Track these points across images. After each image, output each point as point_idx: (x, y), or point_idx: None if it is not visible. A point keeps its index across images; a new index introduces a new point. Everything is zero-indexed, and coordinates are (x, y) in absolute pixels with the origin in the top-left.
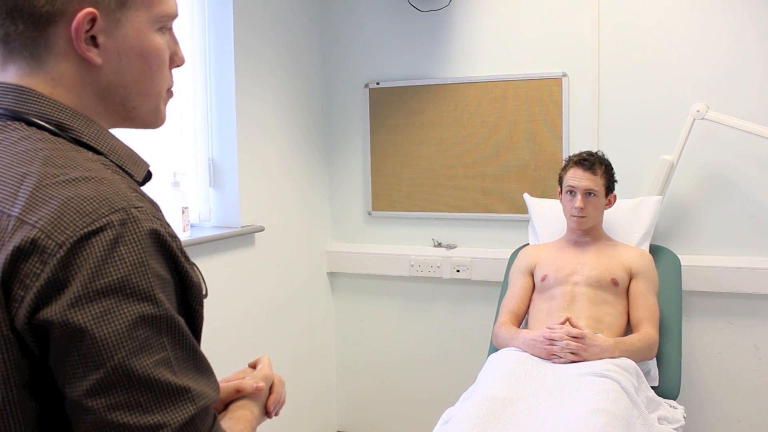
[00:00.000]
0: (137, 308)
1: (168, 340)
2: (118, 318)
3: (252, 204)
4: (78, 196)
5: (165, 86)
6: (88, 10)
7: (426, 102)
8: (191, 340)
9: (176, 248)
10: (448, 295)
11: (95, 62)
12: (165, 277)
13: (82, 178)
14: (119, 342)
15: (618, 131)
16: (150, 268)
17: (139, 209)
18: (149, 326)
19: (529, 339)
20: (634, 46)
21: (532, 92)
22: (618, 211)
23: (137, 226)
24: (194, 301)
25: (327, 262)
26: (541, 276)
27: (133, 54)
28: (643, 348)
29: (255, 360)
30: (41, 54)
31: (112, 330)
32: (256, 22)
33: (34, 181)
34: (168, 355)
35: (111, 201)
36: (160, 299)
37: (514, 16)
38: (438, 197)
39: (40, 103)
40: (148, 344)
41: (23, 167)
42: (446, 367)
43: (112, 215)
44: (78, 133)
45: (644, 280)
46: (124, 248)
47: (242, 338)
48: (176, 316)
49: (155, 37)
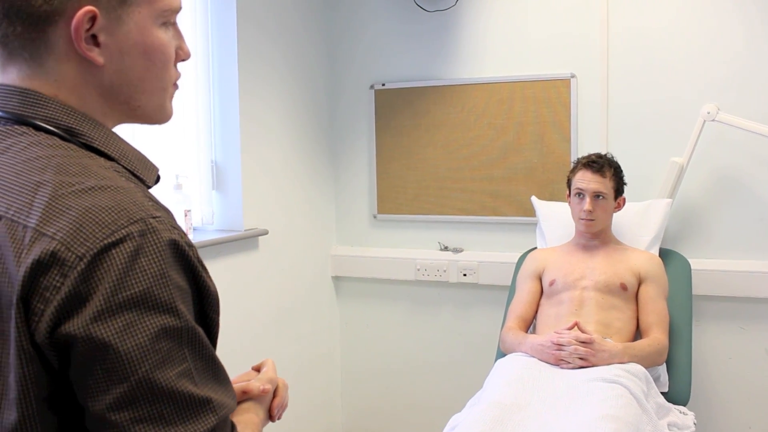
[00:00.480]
0: (159, 320)
1: (189, 351)
2: (141, 331)
3: (255, 207)
4: (96, 207)
5: (170, 82)
6: (88, 9)
7: (432, 103)
8: (210, 350)
9: (194, 258)
10: (454, 299)
11: (97, 62)
12: (184, 288)
13: (98, 187)
14: (143, 355)
15: (627, 133)
16: (171, 279)
17: (158, 219)
18: (171, 338)
19: (537, 344)
20: (643, 46)
21: (539, 93)
22: (627, 215)
23: (157, 237)
24: (211, 311)
25: (332, 265)
26: (549, 281)
27: (137, 51)
28: (653, 353)
29: (259, 363)
30: (41, 55)
31: (135, 343)
32: (260, 21)
33: (49, 191)
34: (189, 366)
35: (129, 211)
36: (181, 311)
37: (521, 16)
38: (444, 200)
39: (47, 106)
40: (170, 356)
41: (36, 175)
42: (453, 373)
43: (131, 226)
44: (88, 138)
45: (654, 285)
46: (144, 260)
47: (245, 343)
48: (196, 327)
49: (159, 32)
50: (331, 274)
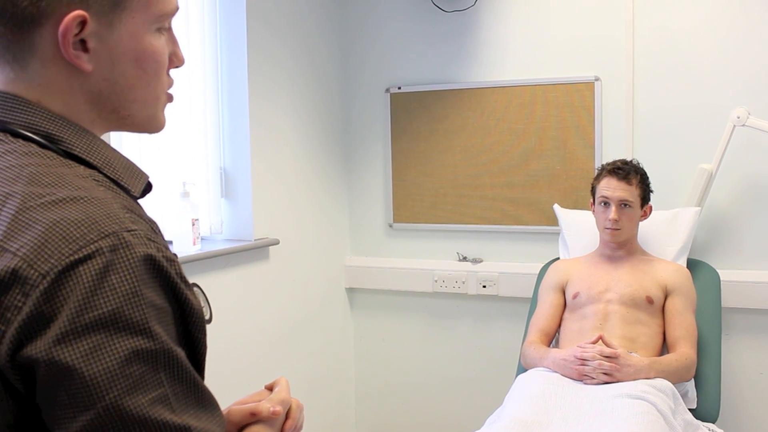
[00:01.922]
0: (130, 343)
1: (165, 375)
2: (109, 354)
3: (266, 216)
4: (64, 220)
5: (163, 91)
6: (78, 13)
7: (450, 107)
8: (191, 374)
9: (174, 273)
10: (473, 312)
11: (85, 69)
12: (162, 307)
13: (69, 199)
14: (111, 380)
15: (654, 139)
16: (144, 297)
17: (132, 232)
18: (144, 362)
19: (560, 359)
20: (670, 48)
21: (562, 97)
22: (654, 224)
23: (129, 252)
24: (196, 329)
25: (345, 277)
26: (573, 293)
27: (128, 59)
28: (680, 368)
29: (272, 382)
30: (26, 58)
31: (102, 368)
32: (271, 22)
33: (17, 203)
34: (166, 391)
35: (100, 224)
36: (156, 331)
37: (543, 17)
38: (463, 208)
39: (27, 111)
40: (143, 381)
41: (6, 186)
42: (472, 389)
43: (101, 241)
44: (68, 145)
45: (681, 297)
46: (115, 277)
47: (255, 358)
48: (174, 349)
49: (152, 39)
50: (345, 285)
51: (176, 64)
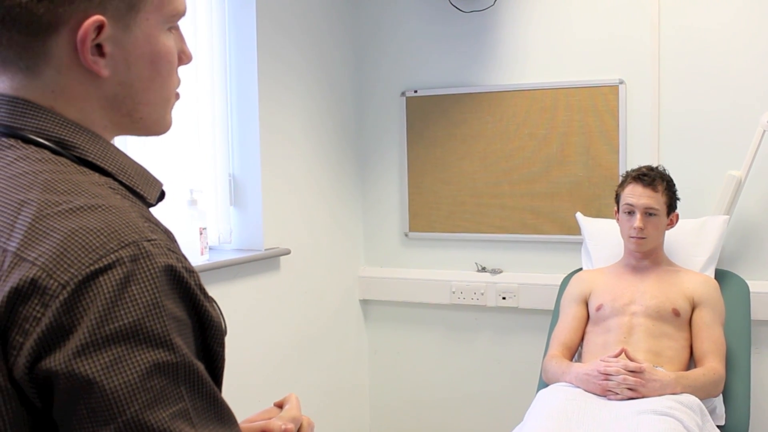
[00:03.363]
0: (151, 355)
1: (186, 389)
2: (130, 367)
3: (277, 224)
4: (83, 229)
5: (173, 91)
6: (96, 18)
7: (468, 112)
8: (211, 388)
9: (194, 285)
10: (493, 325)
11: (102, 74)
12: (182, 319)
13: (87, 207)
14: (132, 394)
15: (680, 144)
16: (165, 309)
17: (153, 242)
18: (165, 375)
19: (582, 373)
20: (698, 49)
21: (585, 101)
22: (680, 233)
23: (150, 262)
24: (215, 343)
25: (359, 288)
26: (596, 305)
27: (143, 61)
28: (708, 383)
29: (282, 399)
30: (39, 66)
31: (123, 381)
32: (282, 23)
33: (33, 211)
34: (186, 405)
35: (120, 233)
36: (177, 344)
37: (565, 17)
38: (482, 217)
39: (39, 117)
40: (163, 395)
41: (21, 194)
42: (491, 405)
43: (121, 250)
44: (82, 151)
45: (709, 310)
46: (135, 288)
47: (265, 373)
48: (194, 362)
49: (165, 39)
50: (359, 297)
51: (184, 61)
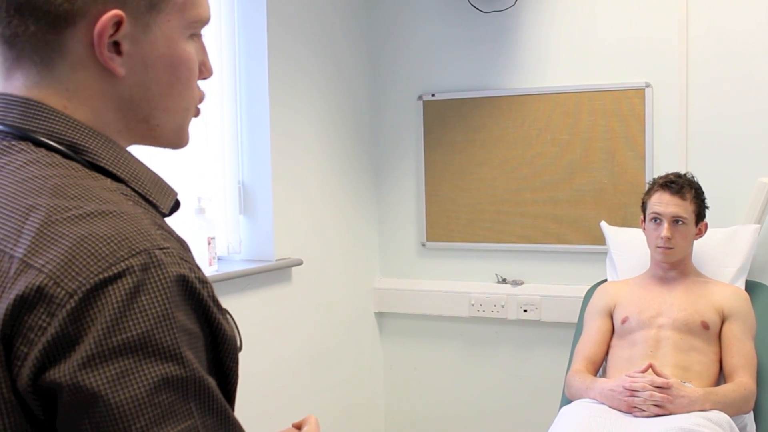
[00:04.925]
0: (160, 369)
1: (195, 405)
2: (137, 381)
3: (288, 234)
4: (92, 235)
5: (193, 102)
6: (115, 12)
7: (488, 116)
8: (222, 405)
9: (207, 296)
10: (514, 338)
11: (118, 73)
12: (193, 331)
13: (98, 213)
14: (139, 409)
15: (709, 150)
16: (176, 321)
17: (165, 251)
18: (174, 390)
19: (607, 389)
20: (727, 51)
21: (610, 105)
22: (710, 242)
23: (162, 272)
24: (228, 358)
25: (375, 300)
26: (622, 318)
27: (162, 64)
28: (738, 399)
29: (301, 420)
30: (54, 60)
31: (130, 395)
32: (294, 24)
33: (41, 216)
34: (195, 423)
35: (131, 241)
36: (187, 358)
37: (589, 18)
38: (502, 226)
39: (51, 119)
40: (172, 411)
41: (29, 198)
42: (512, 422)
43: (132, 258)
44: (94, 156)
45: (739, 323)
46: (145, 298)
47: (276, 389)
48: (205, 377)
49: (186, 45)
50: (374, 309)
51: (205, 75)
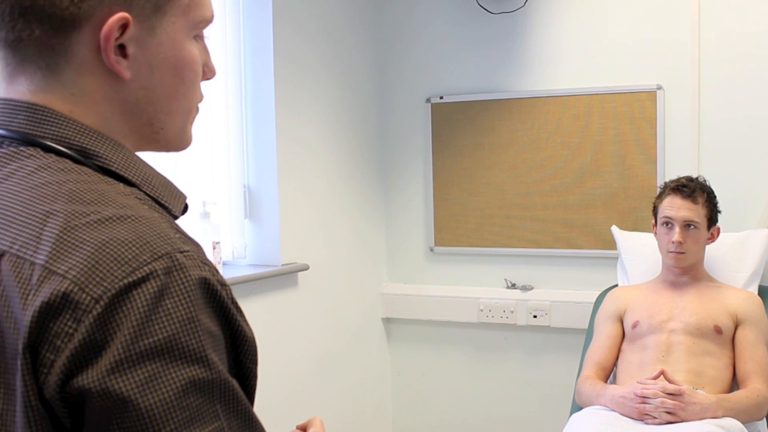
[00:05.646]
0: (187, 372)
1: (221, 407)
2: (165, 384)
3: (294, 238)
4: (114, 240)
5: (195, 104)
6: (121, 15)
7: (497, 119)
8: (246, 406)
9: (227, 298)
10: (523, 344)
11: (124, 76)
12: (216, 334)
13: (116, 218)
14: (168, 413)
15: (722, 154)
16: (201, 324)
17: (185, 254)
18: (201, 393)
19: (618, 396)
20: (740, 54)
21: (621, 108)
22: (722, 247)
23: (185, 275)
24: (248, 360)
25: (382, 306)
26: (632, 323)
27: (167, 66)
28: (752, 406)
29: (306, 422)
30: (59, 64)
31: (159, 399)
32: (300, 25)
33: (60, 222)
34: (222, 425)
35: (153, 245)
36: (213, 360)
37: (600, 19)
38: (511, 230)
39: (59, 124)
40: (200, 414)
41: (45, 204)
42: (522, 429)
43: (155, 262)
44: (105, 160)
45: (752, 328)
46: (170, 301)
47: (283, 395)
48: (229, 379)
49: (191, 46)
50: (382, 315)
51: (208, 75)
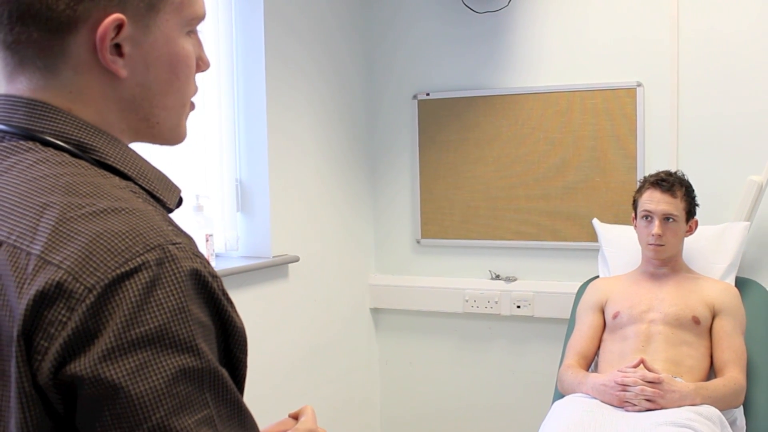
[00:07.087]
0: (177, 361)
1: (211, 395)
2: (156, 372)
3: (285, 231)
4: (108, 232)
5: (189, 98)
6: (116, 16)
7: (482, 115)
8: (235, 394)
9: (218, 290)
10: (507, 334)
11: (120, 74)
12: (206, 324)
13: (111, 210)
14: (158, 400)
15: (700, 149)
16: (191, 314)
17: (177, 246)
18: (190, 381)
19: (599, 384)
20: (718, 52)
21: (601, 104)
22: (700, 239)
23: (176, 266)
24: (238, 349)
25: (370, 296)
26: (613, 313)
27: (162, 63)
28: (729, 394)
29: (297, 410)
30: (57, 65)
31: (149, 386)
32: (290, 24)
33: (56, 214)
34: (211, 412)
35: (146, 237)
36: (203, 350)
37: (582, 18)
38: (496, 223)
39: (57, 119)
40: (189, 401)
41: (43, 196)
42: (505, 416)
43: (147, 254)
44: (102, 154)
45: (729, 318)
46: (161, 292)
47: (273, 384)
48: (219, 368)
49: (184, 42)
50: (370, 306)
51: (202, 68)
